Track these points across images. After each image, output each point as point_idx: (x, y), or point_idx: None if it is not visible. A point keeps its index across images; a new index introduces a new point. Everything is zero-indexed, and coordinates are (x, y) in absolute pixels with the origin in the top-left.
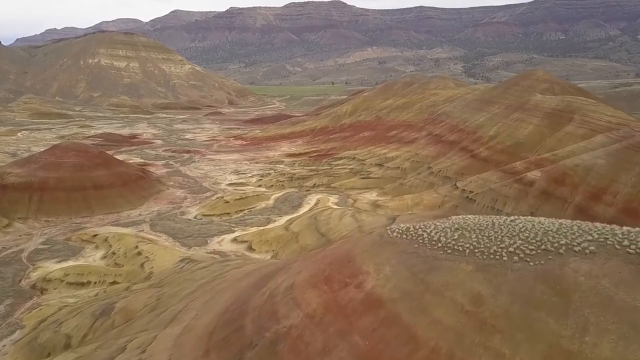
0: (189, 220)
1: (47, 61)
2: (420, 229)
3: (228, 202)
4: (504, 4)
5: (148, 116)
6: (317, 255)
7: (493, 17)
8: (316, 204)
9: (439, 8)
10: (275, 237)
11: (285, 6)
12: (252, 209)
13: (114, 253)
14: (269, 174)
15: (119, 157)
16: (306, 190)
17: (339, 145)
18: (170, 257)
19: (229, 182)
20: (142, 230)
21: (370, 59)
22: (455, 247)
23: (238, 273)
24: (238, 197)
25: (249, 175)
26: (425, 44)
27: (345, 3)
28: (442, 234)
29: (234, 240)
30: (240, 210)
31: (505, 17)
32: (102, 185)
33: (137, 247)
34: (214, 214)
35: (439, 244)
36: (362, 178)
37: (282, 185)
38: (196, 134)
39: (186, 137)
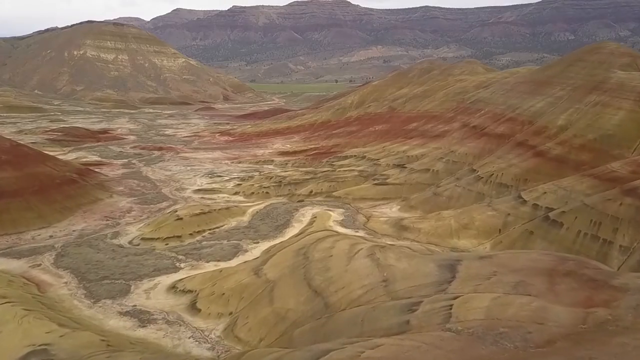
0: (119, 247)
1: (29, 53)
2: None
3: (181, 218)
4: (511, 4)
5: (132, 111)
6: None
7: (500, 17)
8: (311, 222)
9: (444, 8)
10: (237, 287)
11: (289, 5)
12: (217, 230)
13: None
14: (252, 177)
15: (75, 154)
16: (298, 201)
17: (344, 141)
18: (18, 342)
19: (198, 188)
20: (39, 265)
21: (375, 57)
22: None
23: None
24: (198, 212)
25: (226, 178)
26: (432, 43)
27: (349, 2)
28: None
29: (173, 288)
30: (199, 232)
31: (512, 17)
32: (1, 193)
33: None
34: (158, 237)
35: None
36: (376, 184)
37: (267, 192)
38: (179, 129)
39: (166, 132)
